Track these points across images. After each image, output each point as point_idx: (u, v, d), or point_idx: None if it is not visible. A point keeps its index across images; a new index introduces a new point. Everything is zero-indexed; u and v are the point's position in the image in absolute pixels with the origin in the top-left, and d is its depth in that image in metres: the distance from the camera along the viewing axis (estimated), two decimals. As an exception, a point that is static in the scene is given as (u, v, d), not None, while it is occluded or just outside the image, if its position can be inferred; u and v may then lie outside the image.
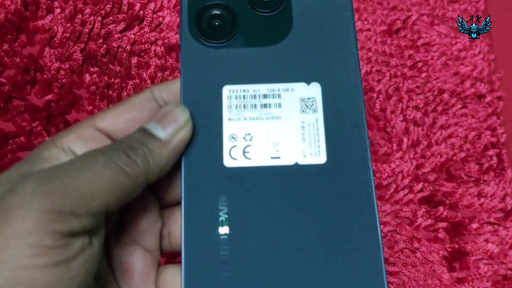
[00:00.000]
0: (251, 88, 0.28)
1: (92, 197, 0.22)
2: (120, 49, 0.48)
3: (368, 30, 0.57)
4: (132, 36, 0.49)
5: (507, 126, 0.56)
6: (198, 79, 0.28)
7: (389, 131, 0.53)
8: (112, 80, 0.46)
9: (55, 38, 0.46)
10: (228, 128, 0.27)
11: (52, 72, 0.45)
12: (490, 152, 0.54)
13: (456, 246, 0.50)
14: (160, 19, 0.50)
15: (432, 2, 0.61)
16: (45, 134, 0.43)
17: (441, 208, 0.51)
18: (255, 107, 0.27)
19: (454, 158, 0.53)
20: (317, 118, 0.27)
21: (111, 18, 0.49)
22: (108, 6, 0.49)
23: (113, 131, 0.27)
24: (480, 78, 0.57)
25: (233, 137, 0.27)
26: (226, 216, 0.26)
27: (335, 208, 0.26)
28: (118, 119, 0.27)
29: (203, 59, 0.28)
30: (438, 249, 0.50)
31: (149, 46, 0.49)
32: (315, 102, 0.27)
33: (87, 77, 0.46)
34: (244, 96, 0.28)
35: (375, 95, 0.54)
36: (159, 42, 0.49)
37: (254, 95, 0.28)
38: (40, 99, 0.44)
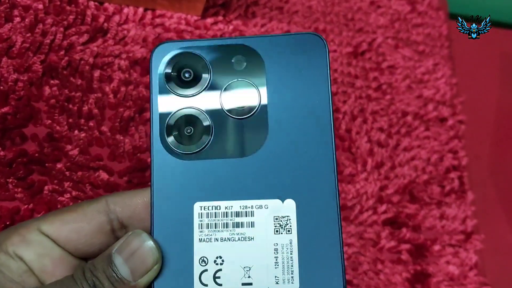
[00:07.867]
0: (223, 205, 0.27)
1: None
2: (82, 61, 0.46)
3: (334, 51, 0.57)
4: (95, 48, 0.47)
5: (468, 149, 0.57)
6: (169, 195, 0.27)
7: (354, 151, 0.53)
8: (73, 93, 0.45)
9: (14, 48, 0.44)
10: (199, 250, 0.26)
11: (10, 83, 0.42)
12: (452, 175, 0.55)
13: (419, 268, 0.50)
14: (125, 32, 0.49)
15: (397, 26, 0.61)
16: (0, 148, 0.41)
17: (404, 230, 0.51)
18: (226, 226, 0.26)
19: (417, 180, 0.54)
20: (291, 240, 0.26)
21: (73, 29, 0.47)
22: (71, 16, 0.47)
23: (57, 238, 0.27)
24: (443, 102, 0.58)
25: (203, 260, 0.26)
26: None
27: None
28: (64, 227, 0.27)
29: (175, 172, 0.27)
30: (401, 271, 0.50)
31: (113, 60, 0.47)
32: (290, 221, 0.26)
33: (47, 90, 0.44)
34: (215, 213, 0.27)
35: (340, 116, 0.54)
36: (123, 56, 0.48)
37: (226, 213, 0.27)
38: (-4, 111, 0.42)
